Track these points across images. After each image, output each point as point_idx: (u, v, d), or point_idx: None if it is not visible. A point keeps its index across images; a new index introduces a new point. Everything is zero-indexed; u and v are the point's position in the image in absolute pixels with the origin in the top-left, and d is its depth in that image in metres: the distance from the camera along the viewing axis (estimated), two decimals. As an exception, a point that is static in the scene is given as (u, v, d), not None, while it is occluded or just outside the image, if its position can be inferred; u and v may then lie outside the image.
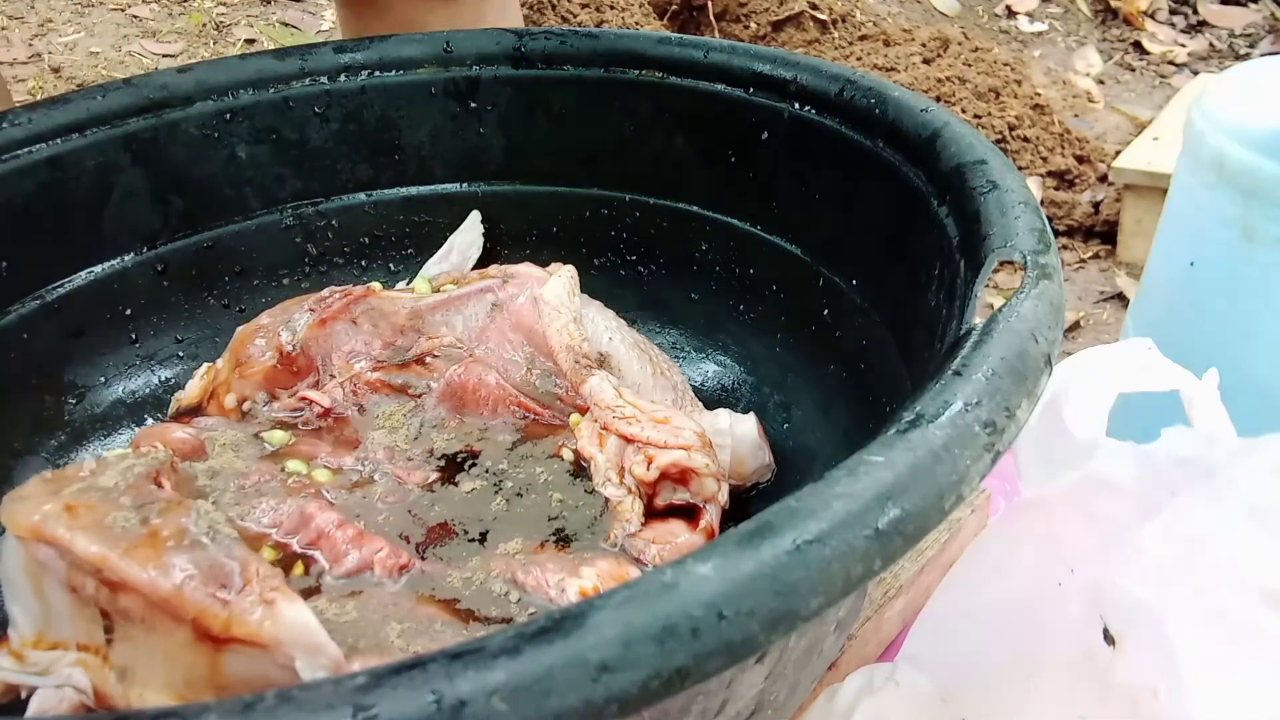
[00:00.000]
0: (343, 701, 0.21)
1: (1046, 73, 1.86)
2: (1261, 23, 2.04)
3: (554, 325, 0.51)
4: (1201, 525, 0.42)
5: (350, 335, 0.52)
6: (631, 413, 0.47)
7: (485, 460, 0.47)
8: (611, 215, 0.59)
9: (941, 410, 0.29)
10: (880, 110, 0.47)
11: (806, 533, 0.25)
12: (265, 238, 0.59)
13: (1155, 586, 0.41)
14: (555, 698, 0.21)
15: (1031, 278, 0.34)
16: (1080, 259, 1.37)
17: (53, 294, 0.53)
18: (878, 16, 1.87)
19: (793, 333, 0.54)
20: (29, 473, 0.50)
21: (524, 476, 0.46)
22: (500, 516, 0.44)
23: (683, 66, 0.55)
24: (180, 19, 1.87)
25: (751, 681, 0.32)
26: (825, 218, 0.51)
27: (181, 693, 0.35)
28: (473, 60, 0.58)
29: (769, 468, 0.51)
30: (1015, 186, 0.40)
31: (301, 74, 0.58)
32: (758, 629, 0.24)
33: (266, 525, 0.42)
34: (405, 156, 0.60)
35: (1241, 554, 0.41)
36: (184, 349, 0.57)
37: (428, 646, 0.36)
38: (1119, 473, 0.44)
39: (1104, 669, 0.41)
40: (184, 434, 0.47)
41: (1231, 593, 0.40)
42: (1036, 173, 1.45)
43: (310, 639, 0.33)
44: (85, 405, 0.54)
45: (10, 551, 0.38)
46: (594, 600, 0.23)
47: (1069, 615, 0.43)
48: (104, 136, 0.54)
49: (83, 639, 0.37)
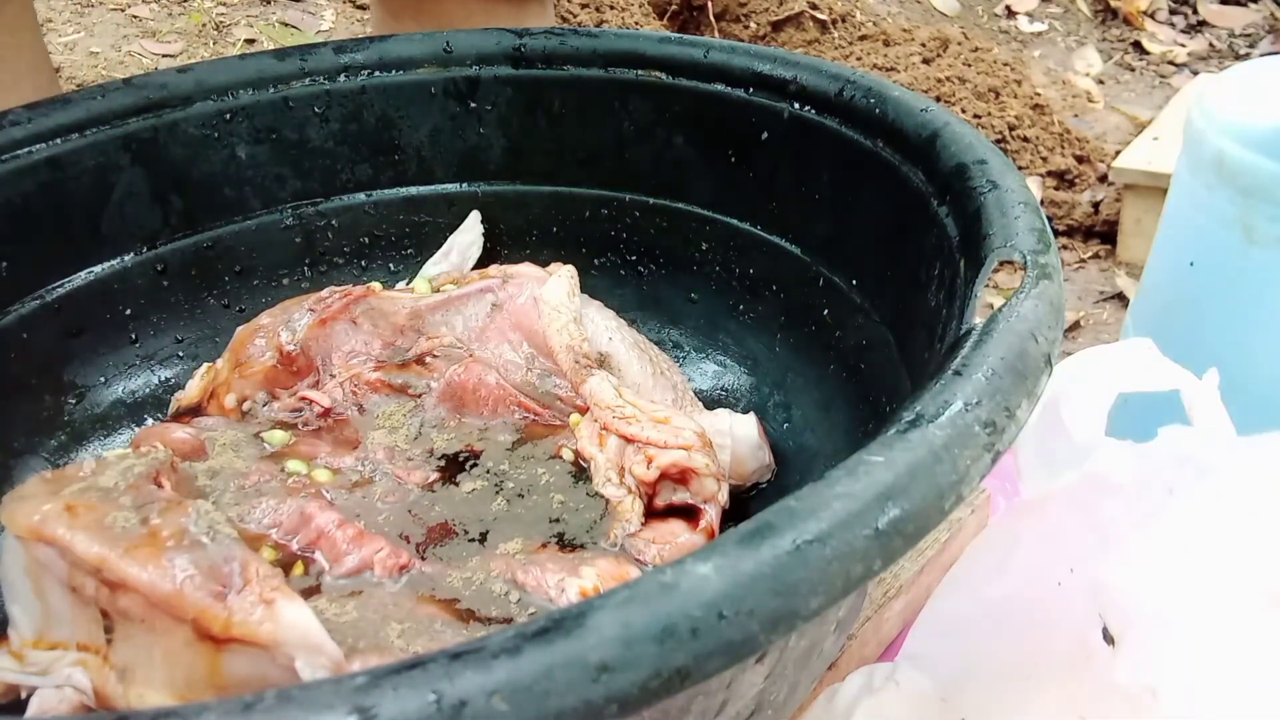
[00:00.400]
0: (343, 701, 0.21)
1: (1046, 73, 1.86)
2: (1261, 23, 2.04)
3: (554, 325, 0.51)
4: (1201, 525, 0.42)
5: (350, 335, 0.52)
6: (631, 413, 0.47)
7: (485, 460, 0.47)
8: (611, 215, 0.59)
9: (941, 410, 0.29)
10: (880, 110, 0.47)
11: (806, 533, 0.25)
12: (265, 238, 0.59)
13: (1155, 586, 0.41)
14: (555, 698, 0.21)
15: (1031, 278, 0.34)
16: (1080, 259, 1.37)
17: (53, 294, 0.53)
18: (878, 16, 1.87)
19: (793, 333, 0.54)
20: (29, 473, 0.50)
21: (524, 477, 0.46)
22: (500, 516, 0.44)
23: (683, 66, 0.55)
24: (180, 19, 1.87)
25: (751, 681, 0.32)
26: (825, 218, 0.51)
27: (181, 693, 0.35)
28: (473, 60, 0.58)
29: (769, 468, 0.51)
30: (1015, 186, 0.40)
31: (301, 74, 0.58)
32: (758, 629, 0.24)
33: (266, 525, 0.42)
34: (405, 156, 0.60)
35: (1241, 554, 0.41)
36: (184, 349, 0.57)
37: (428, 646, 0.36)
38: (1119, 473, 0.44)
39: (1104, 669, 0.41)
40: (184, 434, 0.47)
41: (1231, 593, 0.40)
42: (1036, 173, 1.45)
43: (310, 639, 0.33)
44: (85, 405, 0.54)
45: (10, 551, 0.38)
46: (594, 600, 0.23)
47: (1069, 615, 0.43)
48: (104, 136, 0.54)
49: (83, 639, 0.37)
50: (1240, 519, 0.42)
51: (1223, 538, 0.41)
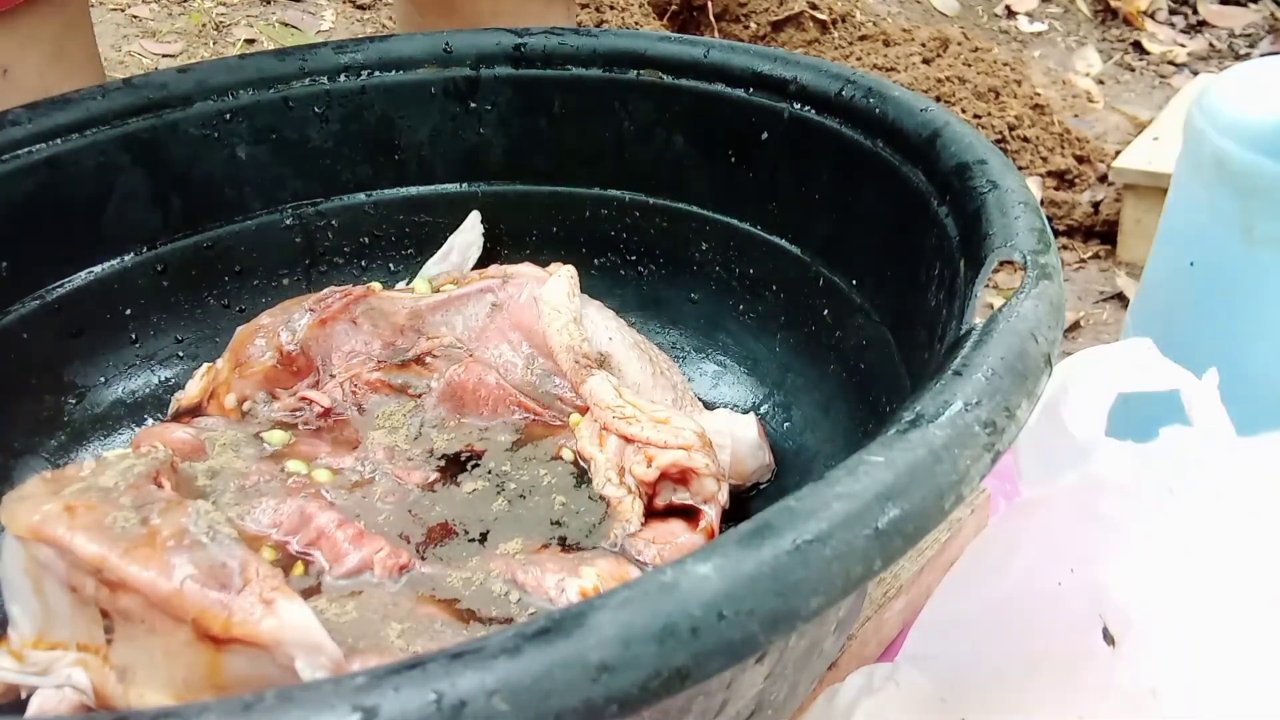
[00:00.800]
0: (343, 701, 0.21)
1: (1046, 73, 1.86)
2: (1261, 23, 2.04)
3: (554, 325, 0.51)
4: (1201, 525, 0.42)
5: (350, 335, 0.52)
6: (631, 413, 0.47)
7: (485, 460, 0.47)
8: (611, 215, 0.59)
9: (941, 410, 0.29)
10: (880, 110, 0.47)
11: (806, 533, 0.25)
12: (265, 238, 0.59)
13: (1155, 587, 0.41)
14: (555, 698, 0.21)
15: (1031, 278, 0.34)
16: (1080, 259, 1.37)
17: (53, 294, 0.53)
18: (878, 16, 1.87)
19: (793, 333, 0.54)
20: (29, 473, 0.50)
21: (524, 477, 0.46)
22: (500, 517, 0.44)
23: (683, 66, 0.55)
24: (180, 19, 1.87)
25: (751, 681, 0.32)
26: (825, 218, 0.51)
27: (181, 693, 0.35)
28: (473, 60, 0.58)
29: (769, 468, 0.51)
30: (1015, 186, 0.40)
31: (301, 74, 0.58)
32: (758, 629, 0.24)
33: (266, 525, 0.42)
34: (405, 156, 0.60)
35: (1241, 554, 0.41)
36: (184, 349, 0.57)
37: (428, 646, 0.36)
38: (1119, 473, 0.44)
39: (1104, 669, 0.41)
40: (184, 434, 0.47)
41: (1231, 593, 0.40)
42: (1036, 173, 1.45)
43: (310, 639, 0.33)
44: (85, 405, 0.54)
45: (10, 551, 0.38)
46: (594, 600, 0.23)
47: (1069, 615, 0.43)
48: (104, 136, 0.54)
49: (83, 639, 0.37)
50: (1240, 519, 0.42)
51: (1223, 538, 0.41)
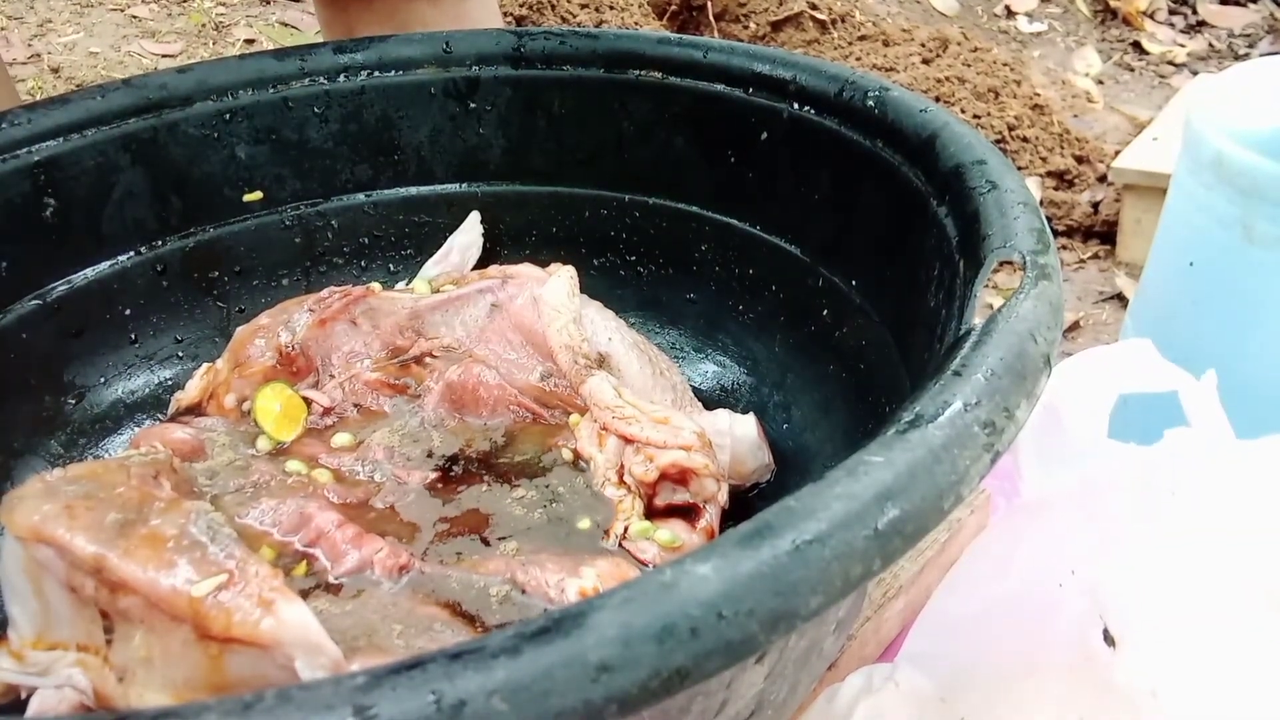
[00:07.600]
0: (343, 701, 0.21)
1: (1046, 73, 1.86)
2: (1261, 23, 2.04)
3: (554, 325, 0.51)
4: (1201, 526, 0.42)
5: (350, 335, 0.52)
6: (631, 413, 0.47)
7: (485, 461, 0.47)
8: (611, 215, 0.59)
9: (941, 410, 0.29)
10: (879, 110, 0.47)
11: (806, 533, 0.25)
12: (265, 238, 0.59)
13: (1155, 587, 0.41)
14: (555, 698, 0.21)
15: (1031, 278, 0.34)
16: (1080, 259, 1.37)
17: (53, 294, 0.53)
18: (877, 16, 1.87)
19: (793, 333, 0.54)
20: (29, 473, 0.50)
21: (523, 477, 0.46)
22: (500, 517, 0.44)
23: (683, 66, 0.55)
24: (180, 19, 1.87)
25: (751, 681, 0.32)
26: (825, 218, 0.51)
27: (181, 693, 0.35)
28: (472, 60, 0.58)
29: (769, 468, 0.51)
30: (1014, 186, 0.40)
31: (301, 74, 0.58)
32: (757, 629, 0.24)
33: (266, 525, 0.42)
34: (405, 156, 0.60)
35: (1241, 554, 0.41)
36: (184, 349, 0.57)
37: (427, 646, 0.36)
38: (1119, 473, 0.44)
39: (1104, 669, 0.41)
40: (184, 434, 0.47)
41: (1231, 593, 0.40)
42: (1036, 173, 1.45)
43: (310, 639, 0.33)
44: (85, 405, 0.54)
45: (10, 551, 0.38)
46: (594, 600, 0.23)
47: (1069, 615, 0.43)
48: (104, 136, 0.54)
49: (83, 639, 0.37)
50: (1240, 519, 0.42)
51: (1223, 538, 0.41)
